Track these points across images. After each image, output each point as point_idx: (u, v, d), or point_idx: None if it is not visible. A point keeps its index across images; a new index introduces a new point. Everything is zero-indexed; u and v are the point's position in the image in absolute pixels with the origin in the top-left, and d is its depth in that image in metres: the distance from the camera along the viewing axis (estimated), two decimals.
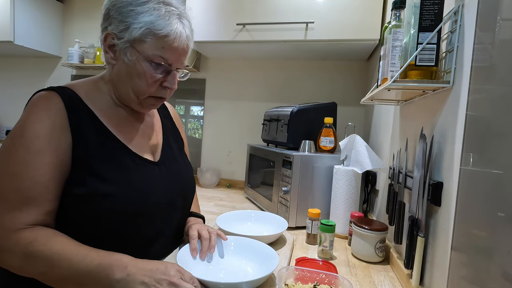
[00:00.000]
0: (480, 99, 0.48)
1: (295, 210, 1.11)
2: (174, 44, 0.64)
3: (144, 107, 0.71)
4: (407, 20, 0.61)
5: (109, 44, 0.65)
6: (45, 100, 0.61)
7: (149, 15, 0.61)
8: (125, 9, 0.62)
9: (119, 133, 0.68)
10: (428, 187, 0.60)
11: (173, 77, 0.68)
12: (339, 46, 1.41)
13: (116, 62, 0.66)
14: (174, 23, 0.63)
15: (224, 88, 1.89)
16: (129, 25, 0.62)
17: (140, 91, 0.66)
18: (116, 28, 0.63)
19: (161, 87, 0.68)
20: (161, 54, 0.64)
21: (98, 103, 0.68)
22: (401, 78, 0.60)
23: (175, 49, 0.65)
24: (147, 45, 0.63)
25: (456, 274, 0.51)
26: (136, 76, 0.65)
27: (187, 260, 0.68)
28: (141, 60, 0.63)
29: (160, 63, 0.64)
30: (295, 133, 1.24)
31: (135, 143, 0.71)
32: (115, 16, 0.63)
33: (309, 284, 0.63)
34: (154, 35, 0.62)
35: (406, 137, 0.81)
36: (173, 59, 0.66)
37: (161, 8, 0.63)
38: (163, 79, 0.67)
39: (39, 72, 2.22)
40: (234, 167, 1.89)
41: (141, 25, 0.61)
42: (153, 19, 0.61)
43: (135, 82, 0.65)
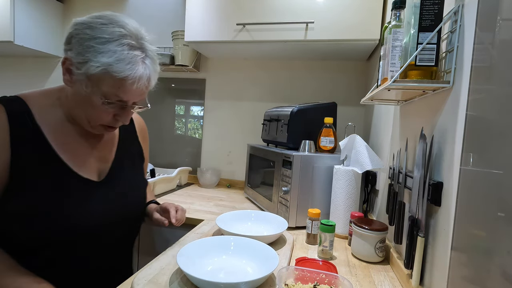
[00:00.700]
0: (480, 99, 0.48)
1: (295, 210, 1.11)
2: (133, 87, 0.63)
3: (94, 131, 0.71)
4: (407, 20, 0.61)
5: (67, 67, 0.64)
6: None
7: (108, 57, 0.60)
8: (86, 42, 0.61)
9: (63, 151, 0.68)
10: (428, 187, 0.60)
11: (127, 113, 0.69)
12: (339, 46, 1.41)
13: (72, 86, 0.65)
14: (135, 68, 0.62)
15: (224, 88, 1.89)
16: (87, 60, 0.61)
17: (91, 118, 0.67)
18: (75, 58, 0.62)
19: (114, 119, 0.68)
20: (117, 93, 0.63)
21: (48, 118, 0.67)
22: (401, 78, 0.60)
23: (133, 91, 0.65)
24: (104, 83, 0.62)
25: (456, 274, 0.51)
26: (91, 106, 0.65)
27: (187, 260, 0.68)
28: (97, 93, 0.63)
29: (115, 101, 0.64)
30: (295, 133, 1.24)
31: (78, 161, 0.70)
32: (76, 46, 0.62)
33: (309, 284, 0.63)
34: (111, 76, 0.61)
35: (406, 137, 0.81)
36: (129, 98, 0.66)
37: (123, 51, 0.61)
38: (116, 112, 0.68)
39: (39, 72, 2.22)
40: (234, 167, 1.89)
41: (99, 65, 0.60)
42: (111, 61, 0.60)
43: (89, 111, 0.66)
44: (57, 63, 2.28)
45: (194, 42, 1.51)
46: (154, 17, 1.95)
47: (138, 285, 0.62)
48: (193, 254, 0.71)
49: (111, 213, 0.72)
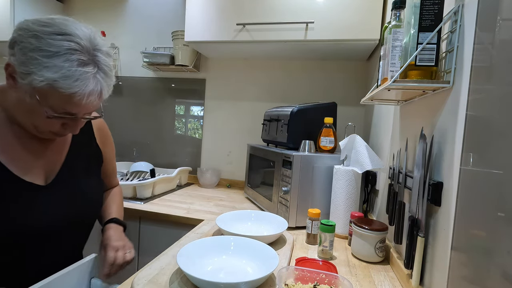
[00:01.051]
0: (480, 99, 0.48)
1: (295, 210, 1.11)
2: (82, 102, 0.59)
3: (43, 136, 0.67)
4: (407, 20, 0.61)
5: (10, 73, 0.59)
6: None
7: (53, 72, 0.55)
8: (30, 53, 0.55)
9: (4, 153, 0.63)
10: (428, 187, 0.60)
11: (77, 124, 0.65)
12: (339, 46, 1.41)
13: (16, 91, 0.59)
14: (84, 84, 0.58)
15: (224, 88, 1.89)
16: (30, 72, 0.55)
17: (38, 126, 0.63)
18: (18, 66, 0.56)
19: (63, 127, 0.64)
20: (65, 107, 0.59)
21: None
22: (401, 78, 0.60)
23: (83, 106, 0.60)
24: (50, 97, 0.57)
25: (456, 274, 0.51)
26: (37, 115, 0.60)
27: (187, 260, 0.68)
28: (43, 105, 0.58)
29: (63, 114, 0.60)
30: (295, 133, 1.24)
31: (21, 164, 0.65)
32: (19, 54, 0.56)
33: (309, 284, 0.63)
34: (56, 91, 0.56)
35: (406, 137, 0.81)
36: (78, 111, 0.62)
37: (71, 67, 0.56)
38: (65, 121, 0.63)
39: None
40: (234, 167, 1.89)
41: (43, 79, 0.55)
42: (57, 77, 0.55)
43: (32, 119, 0.61)
44: None
45: (194, 42, 1.51)
46: (154, 17, 1.95)
47: (138, 285, 0.62)
48: (193, 254, 0.71)
49: (57, 217, 0.68)
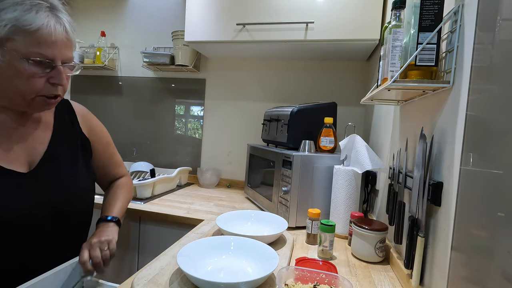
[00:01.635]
0: (480, 99, 0.48)
1: (295, 210, 1.11)
2: (51, 38, 0.59)
3: (34, 108, 0.65)
4: (407, 20, 0.61)
5: None
6: None
7: (12, 11, 0.56)
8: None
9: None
10: (428, 187, 0.60)
11: (59, 72, 0.63)
12: (339, 46, 1.41)
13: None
14: (44, 17, 0.58)
15: (224, 88, 1.89)
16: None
17: (24, 92, 0.61)
18: None
19: (49, 84, 0.63)
20: (38, 50, 0.59)
21: None
22: (401, 78, 0.60)
23: (53, 43, 0.60)
24: (18, 43, 0.57)
25: (456, 274, 0.51)
26: (15, 77, 0.59)
27: (187, 260, 0.68)
28: (16, 59, 0.58)
29: (39, 60, 0.59)
30: (295, 133, 1.24)
31: (4, 152, 0.65)
32: None
33: (309, 284, 0.63)
34: (23, 32, 0.57)
35: (406, 137, 0.81)
36: (53, 53, 0.61)
37: (25, 2, 0.57)
38: (48, 76, 0.62)
39: None
40: (234, 167, 1.89)
41: (5, 23, 0.56)
42: (17, 14, 0.56)
43: (15, 84, 0.60)
44: None
45: (194, 42, 1.51)
46: (154, 17, 1.95)
47: (138, 285, 0.62)
48: (193, 254, 0.71)
49: (37, 205, 0.66)
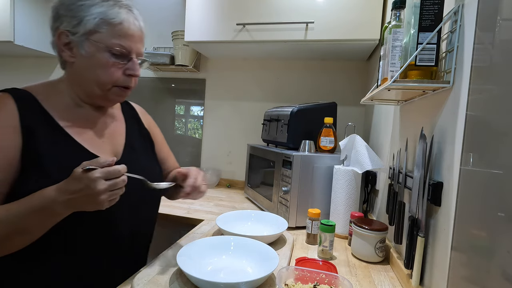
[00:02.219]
0: (480, 99, 0.48)
1: (295, 210, 1.11)
2: (130, 32, 0.66)
3: (110, 99, 0.71)
4: (407, 20, 0.61)
5: (64, 42, 0.65)
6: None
7: (100, 7, 0.64)
8: (74, 5, 0.64)
9: (76, 134, 0.67)
10: (428, 187, 0.60)
11: (134, 63, 0.69)
12: (339, 46, 1.41)
13: (75, 59, 0.66)
14: (125, 13, 0.66)
15: (224, 88, 1.89)
16: (81, 18, 0.63)
17: (103, 82, 0.67)
18: (68, 25, 0.64)
19: (124, 75, 0.69)
20: (119, 42, 0.65)
21: (55, 104, 0.67)
22: (401, 78, 0.60)
23: (132, 36, 0.67)
24: (104, 35, 0.64)
25: (456, 274, 0.51)
26: (98, 67, 0.66)
27: (187, 260, 0.68)
28: (101, 50, 0.65)
29: (120, 51, 0.66)
30: (295, 133, 1.24)
31: (93, 143, 0.70)
32: (65, 13, 0.64)
33: (309, 284, 0.63)
34: (108, 24, 0.64)
35: (406, 137, 0.81)
36: (131, 46, 0.67)
37: (110, 1, 0.66)
38: (125, 67, 0.68)
39: (39, 72, 2.21)
40: (234, 167, 1.89)
41: (94, 16, 0.63)
42: (104, 9, 0.64)
43: (97, 74, 0.66)
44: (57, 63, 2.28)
45: (194, 42, 1.51)
46: (154, 17, 1.95)
47: (138, 285, 0.62)
48: (193, 254, 0.71)
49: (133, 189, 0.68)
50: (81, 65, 0.66)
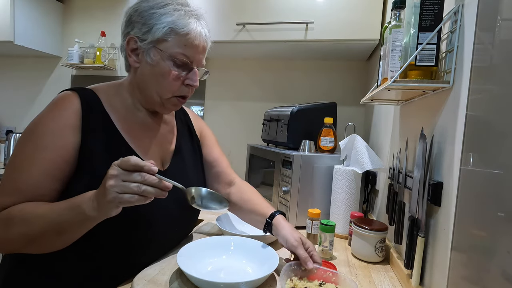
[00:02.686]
0: (480, 99, 0.48)
1: (295, 210, 1.11)
2: (195, 42, 0.68)
3: (166, 108, 0.72)
4: (407, 20, 0.61)
5: (132, 48, 0.68)
6: (64, 99, 0.63)
7: (171, 16, 0.65)
8: (147, 12, 0.66)
9: (131, 138, 0.69)
10: (428, 187, 0.60)
11: (195, 74, 0.71)
12: (339, 46, 1.41)
13: (140, 64, 0.68)
14: (194, 23, 0.68)
15: (224, 88, 1.89)
16: (152, 26, 0.65)
17: (164, 90, 0.68)
18: (139, 32, 0.66)
19: (184, 85, 0.70)
20: (183, 51, 0.67)
21: (116, 106, 0.69)
22: (401, 78, 0.60)
23: (196, 47, 0.68)
24: (170, 44, 0.66)
25: (456, 274, 0.51)
26: (160, 75, 0.67)
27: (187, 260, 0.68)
28: (165, 58, 0.66)
29: (182, 60, 0.67)
30: (295, 133, 1.24)
31: (145, 149, 0.71)
32: (138, 20, 0.67)
33: (315, 281, 0.63)
34: (176, 33, 0.65)
35: (406, 137, 0.81)
36: (194, 57, 0.69)
37: (181, 9, 0.67)
38: (185, 77, 0.69)
39: (39, 72, 2.22)
40: (234, 167, 1.87)
41: (164, 25, 0.65)
42: (174, 19, 0.65)
43: (159, 82, 0.67)
44: (57, 63, 2.30)
45: None
46: None
47: (138, 285, 0.62)
48: (193, 254, 0.71)
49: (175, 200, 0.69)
50: (144, 71, 0.68)
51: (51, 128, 0.60)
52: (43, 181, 0.59)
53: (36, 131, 0.60)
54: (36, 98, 2.23)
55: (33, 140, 0.60)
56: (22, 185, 0.58)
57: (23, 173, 0.58)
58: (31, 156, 0.59)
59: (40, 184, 0.59)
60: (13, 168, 0.60)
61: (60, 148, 0.60)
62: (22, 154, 0.59)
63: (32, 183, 0.58)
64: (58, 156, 0.59)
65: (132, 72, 0.71)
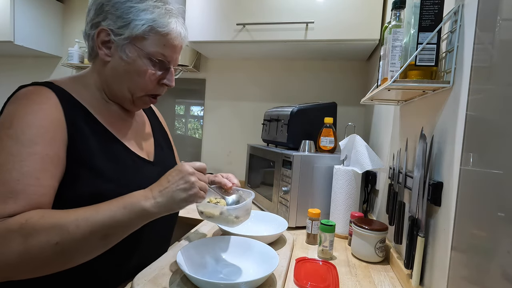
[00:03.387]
0: (480, 99, 0.48)
1: (295, 210, 1.11)
2: (175, 42, 0.66)
3: (135, 105, 0.70)
4: (407, 20, 0.61)
5: (103, 40, 0.63)
6: (36, 94, 0.58)
7: (151, 13, 0.62)
8: (124, 5, 0.61)
9: (115, 131, 0.66)
10: (428, 187, 0.60)
11: (171, 74, 0.69)
12: (339, 46, 1.41)
13: (111, 58, 0.64)
14: (174, 22, 0.65)
15: (224, 88, 1.89)
16: (129, 21, 0.61)
17: (137, 88, 0.66)
18: (113, 24, 0.62)
19: (158, 84, 0.68)
20: (162, 51, 0.64)
21: (87, 99, 0.65)
22: (401, 78, 0.60)
23: (175, 47, 0.66)
24: (148, 42, 0.63)
25: (456, 274, 0.51)
26: (135, 73, 0.64)
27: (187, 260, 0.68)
28: (142, 56, 0.63)
29: (160, 60, 0.65)
30: (295, 133, 1.24)
31: (131, 141, 0.70)
32: (112, 11, 0.62)
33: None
34: (155, 32, 0.62)
35: (406, 137, 0.81)
36: (171, 56, 0.67)
37: (161, 6, 0.63)
38: (160, 76, 0.67)
39: (39, 72, 2.22)
40: (234, 167, 1.89)
41: (143, 22, 0.61)
42: (155, 16, 0.62)
43: (133, 79, 0.65)
44: (57, 63, 2.30)
45: (194, 42, 1.51)
46: None
47: (138, 285, 0.62)
48: (193, 254, 0.71)
49: None
50: (117, 66, 0.64)
51: (34, 123, 0.54)
52: (42, 177, 0.52)
53: (13, 126, 0.52)
54: None
55: (13, 135, 0.52)
56: (17, 185, 0.50)
57: (12, 172, 0.50)
58: (16, 153, 0.51)
59: (39, 181, 0.52)
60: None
61: (50, 142, 0.54)
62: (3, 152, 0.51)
63: (28, 181, 0.51)
64: (51, 150, 0.54)
65: (100, 65, 0.66)
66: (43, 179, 0.53)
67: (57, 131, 0.56)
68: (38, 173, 0.52)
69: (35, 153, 0.52)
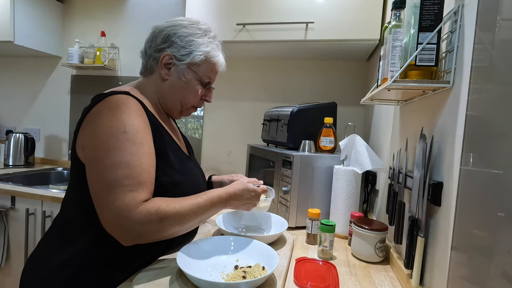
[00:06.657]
0: (480, 99, 0.48)
1: (295, 210, 1.11)
2: (219, 69, 0.86)
3: (182, 114, 0.87)
4: (407, 20, 0.61)
5: (166, 62, 0.79)
6: (128, 101, 0.70)
7: (206, 46, 0.80)
8: (187, 38, 0.78)
9: (172, 137, 0.82)
10: (428, 187, 0.60)
11: (211, 92, 0.88)
12: (339, 46, 1.41)
13: (169, 77, 0.80)
14: (220, 55, 0.85)
15: (224, 88, 1.89)
16: (191, 51, 0.78)
17: (188, 102, 0.83)
18: (177, 52, 0.78)
19: (201, 100, 0.86)
20: (209, 75, 0.83)
21: (150, 107, 0.78)
22: (401, 78, 0.60)
23: (216, 73, 0.86)
24: (201, 68, 0.81)
25: (456, 274, 0.51)
26: (188, 90, 0.81)
27: (187, 260, 0.68)
28: (195, 78, 0.81)
29: (207, 82, 0.83)
30: (295, 133, 1.24)
31: (179, 141, 0.86)
32: (177, 42, 0.78)
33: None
34: (208, 62, 0.81)
35: (406, 137, 0.81)
36: (213, 79, 0.86)
37: (213, 42, 0.82)
38: (203, 94, 0.85)
39: (39, 72, 2.22)
40: (234, 167, 1.89)
41: (201, 53, 0.79)
42: (209, 49, 0.81)
43: (185, 95, 0.81)
44: (57, 63, 2.30)
45: None
46: (154, 17, 1.95)
47: (138, 285, 0.62)
48: (193, 254, 0.71)
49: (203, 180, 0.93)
50: (174, 84, 0.80)
51: (139, 127, 0.68)
52: (151, 170, 0.68)
53: (127, 130, 0.66)
54: (36, 98, 2.23)
55: (129, 139, 0.65)
56: (141, 178, 0.65)
57: (136, 168, 0.64)
58: (135, 153, 0.65)
59: (151, 174, 0.67)
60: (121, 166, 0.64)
61: (150, 142, 0.69)
62: (125, 153, 0.64)
63: (146, 175, 0.66)
64: (151, 148, 0.69)
65: (158, 80, 0.80)
66: (152, 171, 0.68)
67: (149, 132, 0.71)
68: (150, 168, 0.67)
69: (146, 152, 0.67)
